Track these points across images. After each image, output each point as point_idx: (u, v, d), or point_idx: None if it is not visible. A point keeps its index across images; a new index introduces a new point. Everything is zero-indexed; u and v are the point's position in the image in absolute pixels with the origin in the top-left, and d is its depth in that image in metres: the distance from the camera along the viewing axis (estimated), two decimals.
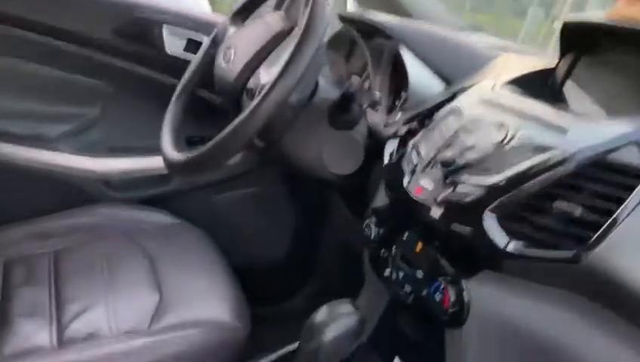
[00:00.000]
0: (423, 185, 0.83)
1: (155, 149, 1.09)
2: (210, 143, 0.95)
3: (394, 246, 0.89)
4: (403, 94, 1.16)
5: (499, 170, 0.76)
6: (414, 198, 0.83)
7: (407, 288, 0.85)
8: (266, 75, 1.04)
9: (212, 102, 1.42)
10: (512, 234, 0.72)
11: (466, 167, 0.80)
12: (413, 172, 0.86)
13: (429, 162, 0.85)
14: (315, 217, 1.64)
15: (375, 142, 1.09)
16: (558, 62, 0.94)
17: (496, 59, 1.09)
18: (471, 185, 0.77)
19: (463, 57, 1.11)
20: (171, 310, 1.06)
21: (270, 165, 1.58)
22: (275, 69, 0.99)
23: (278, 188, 1.61)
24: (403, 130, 1.02)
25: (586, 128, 0.75)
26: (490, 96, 0.90)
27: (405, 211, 0.86)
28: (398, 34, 1.13)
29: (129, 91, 1.47)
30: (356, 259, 1.47)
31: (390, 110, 1.19)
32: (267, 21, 1.09)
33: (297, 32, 0.99)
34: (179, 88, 1.17)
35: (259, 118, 0.92)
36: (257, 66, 1.06)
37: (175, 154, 1.04)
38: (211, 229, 1.42)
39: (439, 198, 0.79)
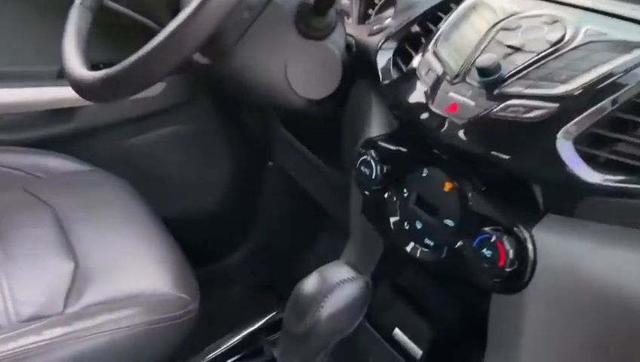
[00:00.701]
0: (458, 100, 0.60)
1: (50, 77, 0.79)
2: (137, 55, 0.68)
3: (405, 188, 0.66)
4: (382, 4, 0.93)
5: (567, 78, 0.55)
6: (445, 117, 0.60)
7: (430, 241, 0.64)
8: None
9: (126, 17, 1.10)
10: (593, 164, 0.52)
11: (517, 74, 0.58)
12: (436, 86, 0.63)
13: (461, 71, 0.62)
14: (256, 158, 1.38)
15: (355, 57, 0.85)
16: None
17: None
18: (530, 99, 0.56)
19: None
20: (93, 283, 0.78)
21: (201, 97, 1.29)
22: None
23: (209, 126, 1.33)
24: (398, 36, 0.78)
25: None
26: None
27: (423, 139, 0.64)
28: None
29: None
30: (307, 205, 1.26)
31: (361, 22, 0.95)
32: None
33: None
34: None
35: (204, 21, 0.66)
36: None
37: (85, 73, 0.76)
38: (130, 178, 1.13)
39: (483, 116, 0.58)
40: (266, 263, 1.42)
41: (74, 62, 0.80)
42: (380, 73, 0.75)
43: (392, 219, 0.68)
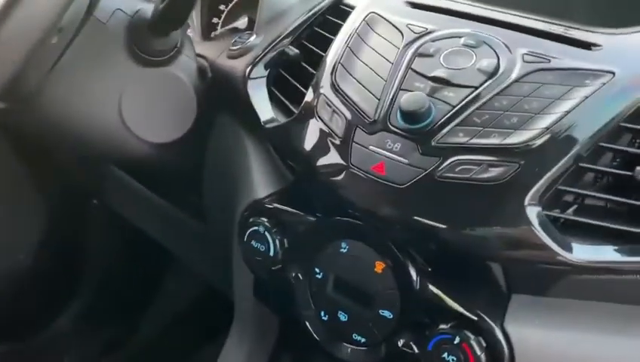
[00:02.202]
0: (385, 157, 0.45)
1: None
2: None
3: (316, 268, 0.50)
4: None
5: (520, 123, 0.44)
6: (371, 180, 0.45)
7: (361, 338, 0.49)
8: None
9: None
10: (568, 231, 0.42)
11: (455, 117, 0.45)
12: (348, 134, 0.48)
13: (379, 114, 0.47)
14: (75, 197, 1.11)
15: (212, 85, 0.66)
16: None
17: None
18: (480, 153, 0.43)
19: None
20: None
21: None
22: None
23: (15, 169, 1.04)
24: (269, 60, 0.61)
25: (622, 42, 0.47)
26: None
27: (338, 203, 0.49)
28: None
29: None
30: (146, 245, 1.03)
31: (206, 34, 0.76)
32: None
33: None
34: None
35: None
36: None
37: None
38: None
39: (425, 179, 0.44)
40: (105, 321, 1.17)
41: None
42: (257, 112, 0.57)
43: (304, 310, 0.51)
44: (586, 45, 0.47)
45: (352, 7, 0.59)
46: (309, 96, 0.53)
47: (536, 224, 0.41)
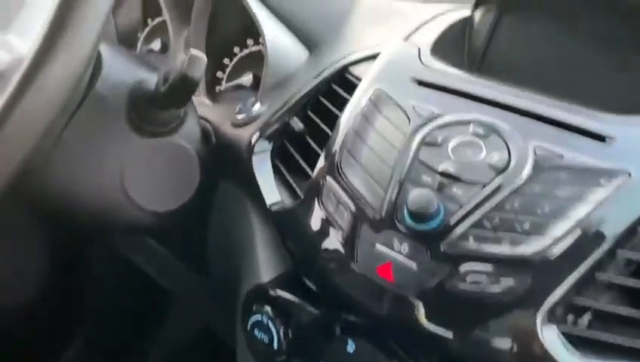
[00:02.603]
0: (392, 260, 0.44)
1: None
2: None
3: None
4: (242, 64, 0.74)
5: (532, 228, 0.42)
6: (377, 284, 0.44)
7: None
8: None
9: None
10: (583, 343, 0.41)
11: (465, 218, 0.44)
12: (354, 230, 0.47)
13: (386, 210, 0.46)
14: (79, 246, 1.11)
15: (215, 150, 0.65)
16: (475, 8, 0.62)
17: (359, 3, 0.73)
18: (491, 262, 0.42)
19: (319, 2, 0.72)
20: None
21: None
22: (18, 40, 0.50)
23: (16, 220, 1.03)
24: (273, 131, 0.60)
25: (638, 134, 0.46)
26: (425, 73, 0.54)
27: (344, 301, 0.47)
28: None
29: None
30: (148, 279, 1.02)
31: (211, 89, 0.75)
32: None
33: None
34: None
35: (6, 147, 0.46)
36: None
37: None
38: None
39: (435, 289, 0.42)
40: (111, 355, 1.17)
41: None
42: (263, 192, 0.56)
43: None
44: (600, 137, 0.46)
45: (359, 79, 0.58)
46: (314, 180, 0.52)
47: (547, 340, 0.40)
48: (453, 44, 0.61)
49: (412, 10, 0.69)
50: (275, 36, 0.65)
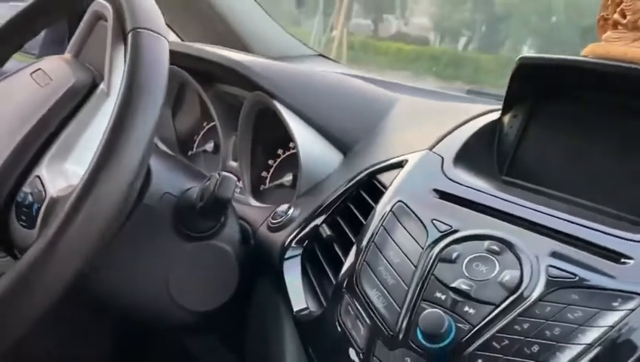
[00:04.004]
0: None
1: None
2: None
3: None
4: (281, 168, 0.78)
5: (540, 352, 0.42)
6: None
7: None
8: (51, 176, 0.58)
9: None
10: None
11: (475, 339, 0.45)
12: (370, 346, 0.48)
13: (400, 327, 0.48)
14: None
15: (253, 252, 0.69)
16: (503, 114, 0.63)
17: (396, 106, 0.76)
18: None
19: (356, 110, 0.76)
20: None
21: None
22: (72, 169, 0.56)
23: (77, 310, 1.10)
24: (304, 234, 0.63)
25: None
26: (446, 184, 0.56)
27: None
28: (264, 81, 0.73)
29: None
30: None
31: (256, 187, 0.80)
32: (47, 70, 0.62)
33: (109, 90, 0.59)
34: None
35: (59, 264, 0.50)
36: (34, 158, 0.60)
37: None
38: None
39: None
40: None
41: None
42: (290, 298, 0.59)
43: None
44: (616, 257, 0.46)
45: (385, 187, 0.60)
46: (335, 290, 0.54)
47: None
48: (480, 149, 0.63)
49: (447, 112, 0.72)
50: (308, 144, 0.69)
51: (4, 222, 0.60)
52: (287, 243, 0.63)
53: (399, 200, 0.56)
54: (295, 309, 0.58)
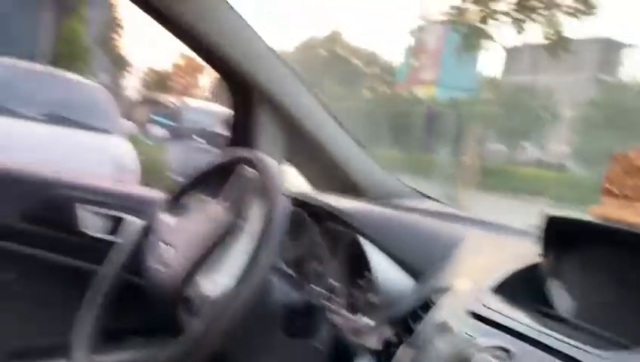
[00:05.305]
0: None
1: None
2: None
3: None
4: (366, 289, 1.00)
5: None
6: None
7: None
8: (208, 282, 0.85)
9: (138, 287, 1.20)
10: None
11: None
12: None
13: None
14: None
15: (342, 351, 0.90)
16: (543, 259, 0.80)
17: (463, 241, 0.95)
18: None
19: (428, 243, 0.97)
20: None
21: None
22: (222, 278, 0.82)
23: None
24: (376, 341, 0.83)
25: None
26: (478, 308, 0.74)
27: None
28: (355, 222, 0.98)
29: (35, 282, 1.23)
30: None
31: (350, 304, 1.02)
32: (211, 215, 0.92)
33: (245, 228, 0.86)
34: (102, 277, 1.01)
35: (206, 346, 0.77)
36: (198, 272, 0.88)
37: None
38: None
39: None
40: None
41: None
42: None
43: None
44: None
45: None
46: None
47: None
48: (520, 285, 0.80)
49: (503, 248, 0.90)
50: (384, 271, 0.91)
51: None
52: (362, 345, 0.84)
53: (441, 318, 0.75)
54: None
